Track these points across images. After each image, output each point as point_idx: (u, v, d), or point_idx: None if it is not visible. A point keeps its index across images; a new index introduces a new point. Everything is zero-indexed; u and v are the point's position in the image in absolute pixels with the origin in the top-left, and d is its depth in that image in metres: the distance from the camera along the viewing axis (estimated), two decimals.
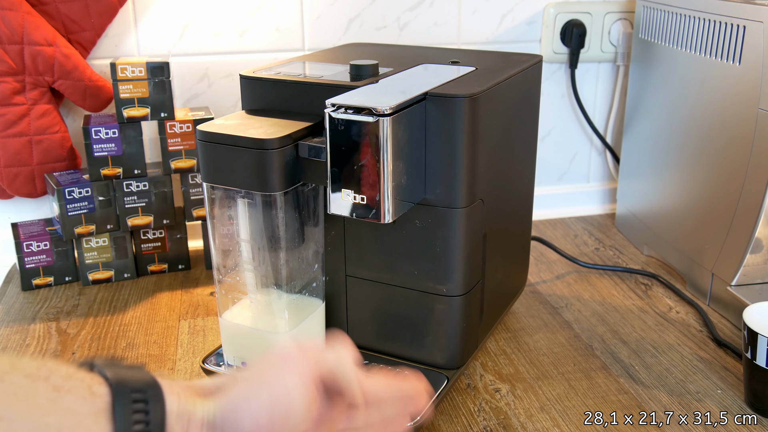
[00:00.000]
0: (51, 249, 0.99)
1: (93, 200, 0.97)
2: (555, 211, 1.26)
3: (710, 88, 0.91)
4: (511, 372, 0.80)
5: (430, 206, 0.70)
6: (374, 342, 0.79)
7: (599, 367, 0.81)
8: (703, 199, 0.94)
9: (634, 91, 1.11)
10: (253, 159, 0.64)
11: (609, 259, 1.09)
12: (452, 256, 0.71)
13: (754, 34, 0.82)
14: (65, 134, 1.02)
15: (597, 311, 0.93)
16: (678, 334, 0.88)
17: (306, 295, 0.76)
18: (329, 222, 0.76)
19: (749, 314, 0.74)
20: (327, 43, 1.10)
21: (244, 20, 1.07)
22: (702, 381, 0.79)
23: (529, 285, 1.00)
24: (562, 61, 1.19)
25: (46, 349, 0.85)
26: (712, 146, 0.91)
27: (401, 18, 1.12)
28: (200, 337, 0.88)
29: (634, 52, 1.10)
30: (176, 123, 0.98)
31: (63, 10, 0.98)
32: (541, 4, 1.16)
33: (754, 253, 0.86)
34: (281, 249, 0.70)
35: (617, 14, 1.17)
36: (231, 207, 0.70)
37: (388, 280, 0.76)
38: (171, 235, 1.04)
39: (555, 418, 0.73)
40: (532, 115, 0.85)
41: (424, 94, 0.66)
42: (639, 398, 0.76)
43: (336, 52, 0.87)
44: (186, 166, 1.00)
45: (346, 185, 0.64)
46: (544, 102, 1.20)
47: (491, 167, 0.73)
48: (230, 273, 0.74)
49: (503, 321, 0.91)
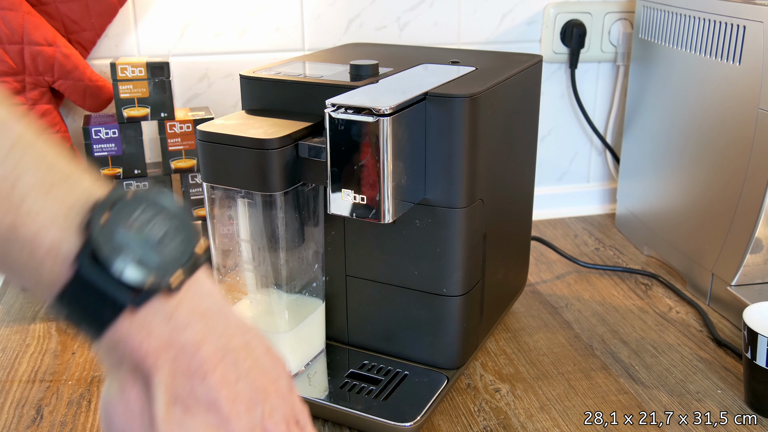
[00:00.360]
0: None
1: None
2: (555, 211, 1.26)
3: (710, 88, 0.91)
4: (511, 372, 0.80)
5: (430, 206, 0.70)
6: (374, 342, 0.79)
7: (599, 367, 0.81)
8: (703, 199, 0.94)
9: (634, 91, 1.11)
10: (253, 159, 0.64)
11: (609, 259, 1.09)
12: (452, 256, 0.71)
13: (754, 34, 0.82)
14: (65, 134, 1.02)
15: (597, 311, 0.93)
16: (678, 334, 0.88)
17: (306, 295, 0.76)
18: (329, 222, 0.76)
19: (749, 314, 0.74)
20: (327, 43, 1.10)
21: (244, 20, 1.07)
22: (702, 381, 0.79)
23: (529, 285, 1.00)
24: (562, 61, 1.19)
25: (46, 349, 0.85)
26: (712, 146, 0.91)
27: (401, 18, 1.12)
28: None
29: (634, 52, 1.10)
30: (176, 123, 0.98)
31: (63, 10, 0.98)
32: (541, 4, 1.16)
33: (754, 253, 0.86)
34: (281, 249, 0.70)
35: (617, 14, 1.17)
36: (231, 207, 0.70)
37: (388, 280, 0.76)
38: None
39: (555, 418, 0.73)
40: (532, 115, 0.85)
41: (424, 94, 0.66)
42: (639, 398, 0.76)
43: (336, 52, 0.87)
44: (186, 166, 1.00)
45: (346, 185, 0.64)
46: (544, 102, 1.20)
47: (491, 167, 0.73)
48: (230, 273, 0.74)
49: (503, 321, 0.91)
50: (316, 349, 0.78)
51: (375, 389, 0.72)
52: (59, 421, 0.73)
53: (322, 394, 0.72)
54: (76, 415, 0.74)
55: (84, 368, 0.81)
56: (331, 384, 0.74)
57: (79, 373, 0.80)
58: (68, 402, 0.76)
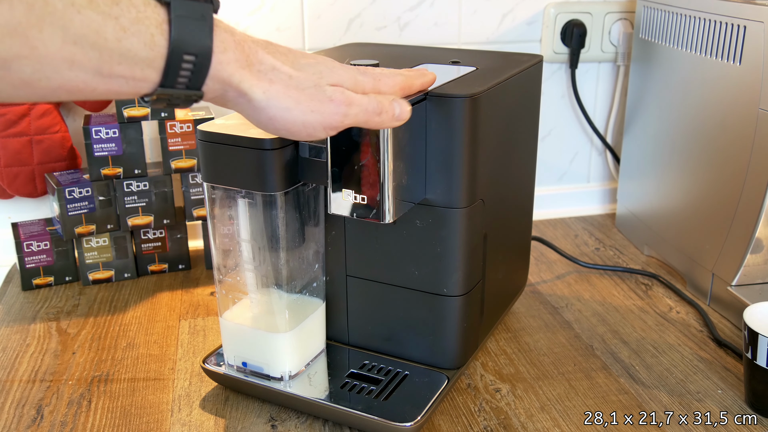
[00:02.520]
0: (51, 249, 0.99)
1: (93, 200, 0.97)
2: (555, 211, 1.26)
3: (711, 88, 0.91)
4: (511, 372, 0.80)
5: (431, 206, 0.70)
6: (374, 342, 0.79)
7: (599, 367, 0.81)
8: (704, 199, 0.94)
9: (635, 91, 1.11)
10: (254, 159, 0.64)
11: (609, 259, 1.09)
12: (452, 256, 0.71)
13: (754, 34, 0.82)
14: (65, 134, 1.02)
15: (597, 311, 0.93)
16: (678, 334, 0.88)
17: (306, 295, 0.76)
18: (330, 222, 0.76)
19: (749, 314, 0.74)
20: (327, 43, 1.10)
21: (244, 20, 1.07)
22: (702, 381, 0.79)
23: (530, 285, 1.00)
24: (562, 61, 1.19)
25: (46, 349, 0.85)
26: (713, 146, 0.91)
27: (401, 18, 1.12)
28: (200, 336, 0.88)
29: (635, 52, 1.10)
30: (176, 123, 0.98)
31: None
32: (542, 4, 1.16)
33: (754, 253, 0.86)
34: (282, 249, 0.70)
35: (617, 14, 1.17)
36: (231, 207, 0.70)
37: (389, 280, 0.76)
38: (171, 235, 1.04)
39: (555, 418, 0.73)
40: (532, 115, 0.85)
41: (424, 94, 0.66)
42: (639, 398, 0.76)
43: (336, 52, 0.87)
44: (186, 166, 1.00)
45: (347, 185, 0.64)
46: (545, 102, 1.20)
47: (491, 167, 0.74)
48: (230, 273, 0.74)
49: (503, 321, 0.91)
50: (317, 349, 0.78)
51: (375, 389, 0.72)
52: (59, 421, 0.73)
53: (322, 394, 0.72)
54: (77, 415, 0.74)
55: (84, 368, 0.81)
56: (332, 384, 0.74)
57: (79, 373, 0.80)
58: (68, 402, 0.76)
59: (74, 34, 0.43)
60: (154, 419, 0.73)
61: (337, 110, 0.55)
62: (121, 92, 0.47)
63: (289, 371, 0.74)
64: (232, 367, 0.76)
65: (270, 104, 0.53)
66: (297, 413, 0.73)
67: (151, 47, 0.46)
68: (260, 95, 0.52)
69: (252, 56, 0.52)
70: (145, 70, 0.46)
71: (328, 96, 0.55)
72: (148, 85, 0.47)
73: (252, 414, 0.73)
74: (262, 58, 0.53)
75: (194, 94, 0.50)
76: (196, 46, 0.47)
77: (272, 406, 0.74)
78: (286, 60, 0.54)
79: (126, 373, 0.81)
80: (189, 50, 0.47)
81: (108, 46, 0.44)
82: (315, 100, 0.54)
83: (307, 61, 0.56)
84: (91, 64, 0.44)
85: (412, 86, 0.63)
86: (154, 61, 0.46)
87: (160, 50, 0.46)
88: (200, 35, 0.48)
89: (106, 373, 0.81)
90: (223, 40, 0.50)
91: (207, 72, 0.49)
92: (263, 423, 0.72)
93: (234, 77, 0.51)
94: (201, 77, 0.49)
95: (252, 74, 0.52)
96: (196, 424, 0.72)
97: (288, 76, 0.53)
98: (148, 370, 0.81)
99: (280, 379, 0.74)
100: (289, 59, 0.55)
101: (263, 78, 0.52)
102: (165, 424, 0.72)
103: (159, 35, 0.46)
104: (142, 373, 0.80)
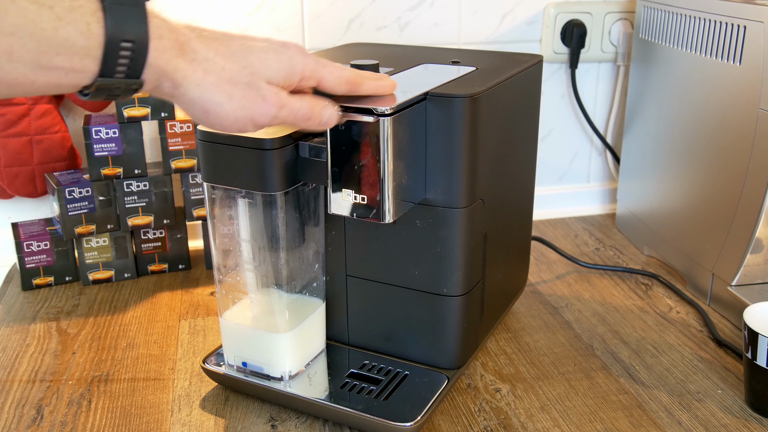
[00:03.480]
0: (51, 249, 0.99)
1: (93, 200, 0.97)
2: (555, 211, 1.26)
3: (710, 88, 0.91)
4: (511, 372, 0.80)
5: (431, 206, 0.70)
6: (374, 342, 0.79)
7: (599, 367, 0.81)
8: (704, 199, 0.94)
9: (635, 91, 1.11)
10: (254, 159, 0.64)
11: (609, 259, 1.09)
12: (452, 256, 0.71)
13: (754, 34, 0.82)
14: (65, 134, 1.02)
15: (597, 311, 0.93)
16: (678, 334, 0.88)
17: (306, 295, 0.76)
18: (330, 222, 0.76)
19: (749, 314, 0.74)
20: (327, 43, 1.10)
21: (244, 20, 1.07)
22: (702, 381, 0.79)
23: (530, 285, 1.00)
24: (562, 61, 1.19)
25: (46, 349, 0.85)
26: (713, 146, 0.91)
27: (401, 18, 1.12)
28: (200, 336, 0.88)
29: (635, 52, 1.10)
30: (177, 123, 0.98)
31: None
32: (542, 4, 1.16)
33: (754, 253, 0.86)
34: (282, 249, 0.70)
35: (617, 14, 1.17)
36: (231, 207, 0.70)
37: (389, 280, 0.76)
38: (171, 235, 1.04)
39: (555, 418, 0.73)
40: (532, 115, 0.85)
41: (424, 94, 0.66)
42: (639, 398, 0.76)
43: (336, 52, 0.87)
44: (186, 166, 1.00)
45: (347, 185, 0.64)
46: (545, 102, 1.20)
47: (491, 167, 0.74)
48: (230, 273, 0.74)
49: (503, 321, 0.91)
50: (317, 349, 0.78)
51: (375, 389, 0.72)
52: (59, 421, 0.73)
53: (322, 394, 0.72)
54: (77, 415, 0.74)
55: (84, 368, 0.81)
56: (332, 384, 0.74)
57: (79, 373, 0.80)
58: (68, 402, 0.76)
59: (10, 24, 0.43)
60: (154, 419, 0.73)
61: (268, 111, 0.55)
62: (60, 85, 0.47)
63: (289, 371, 0.74)
64: (232, 367, 0.76)
65: (204, 97, 0.53)
66: (297, 413, 0.73)
67: (87, 36, 0.46)
68: (194, 88, 0.52)
69: (185, 44, 0.52)
70: (84, 59, 0.46)
71: (261, 95, 0.55)
72: (87, 76, 0.47)
73: (252, 414, 0.73)
74: (195, 46, 0.53)
75: (134, 83, 0.50)
76: (132, 32, 0.47)
77: (272, 406, 0.74)
78: (220, 46, 0.54)
79: (126, 373, 0.81)
80: (125, 37, 0.47)
81: (45, 36, 0.44)
82: (247, 98, 0.54)
83: (240, 48, 0.55)
84: (30, 56, 0.44)
85: (362, 84, 0.62)
86: (92, 50, 0.46)
87: (97, 38, 0.46)
88: (135, 21, 0.48)
89: (106, 373, 0.81)
90: (157, 26, 0.50)
91: (145, 59, 0.49)
92: (263, 423, 0.72)
93: (170, 65, 0.51)
94: (140, 65, 0.49)
95: (186, 63, 0.52)
96: (196, 424, 0.72)
97: (221, 68, 0.53)
98: (148, 370, 0.81)
99: (280, 379, 0.74)
100: (223, 45, 0.54)
101: (198, 68, 0.52)
102: (165, 424, 0.72)
103: (95, 23, 0.46)
104: (142, 373, 0.80)
